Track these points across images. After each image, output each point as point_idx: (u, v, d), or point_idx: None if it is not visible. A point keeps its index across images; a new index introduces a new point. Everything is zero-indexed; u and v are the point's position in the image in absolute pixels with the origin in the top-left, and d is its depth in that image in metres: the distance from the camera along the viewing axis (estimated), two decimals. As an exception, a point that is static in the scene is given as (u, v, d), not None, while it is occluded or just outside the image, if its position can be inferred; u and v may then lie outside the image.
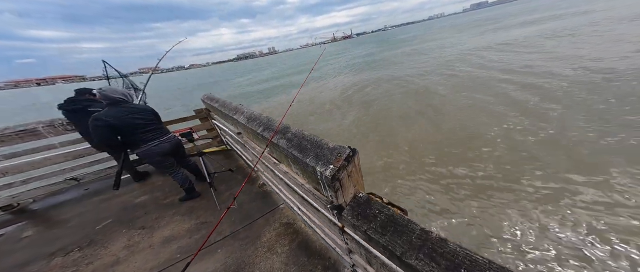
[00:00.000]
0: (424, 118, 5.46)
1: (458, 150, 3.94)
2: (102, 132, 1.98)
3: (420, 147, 4.29)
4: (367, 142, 4.98)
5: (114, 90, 2.12)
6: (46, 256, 1.88)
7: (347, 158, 1.02)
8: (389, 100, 7.24)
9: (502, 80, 6.95)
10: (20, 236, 2.23)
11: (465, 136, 4.34)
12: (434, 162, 3.75)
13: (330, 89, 10.63)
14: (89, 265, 1.72)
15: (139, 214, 2.32)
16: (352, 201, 1.10)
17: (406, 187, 3.41)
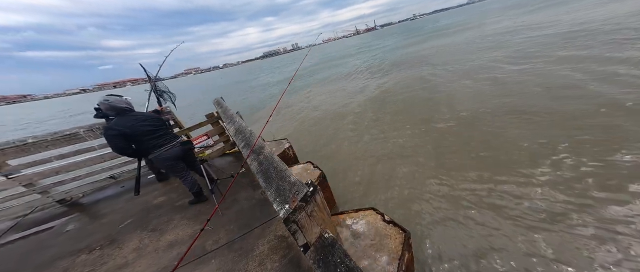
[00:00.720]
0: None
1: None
2: (117, 141, 2.14)
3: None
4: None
5: (119, 100, 2.25)
6: (75, 252, 2.17)
7: (305, 198, 0.87)
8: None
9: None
10: (63, 230, 2.63)
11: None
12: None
13: (346, 95, 9.18)
14: (103, 266, 1.92)
15: (154, 216, 2.53)
16: (317, 241, 0.96)
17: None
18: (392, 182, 3.34)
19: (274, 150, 3.13)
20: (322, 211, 0.94)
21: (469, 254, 2.15)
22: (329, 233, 0.97)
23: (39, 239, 2.56)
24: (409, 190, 3.12)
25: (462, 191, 2.86)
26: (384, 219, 1.81)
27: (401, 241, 1.65)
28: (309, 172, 2.47)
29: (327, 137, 5.44)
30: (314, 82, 14.04)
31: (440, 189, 3.00)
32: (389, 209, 2.86)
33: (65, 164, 3.30)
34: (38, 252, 2.31)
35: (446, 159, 3.54)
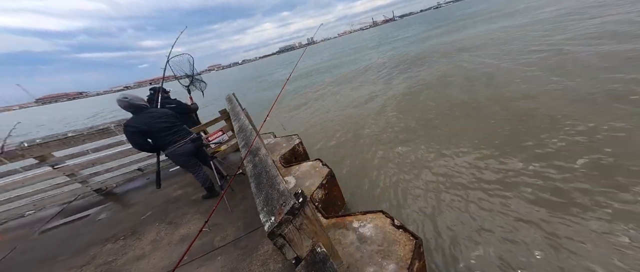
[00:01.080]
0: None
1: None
2: (136, 138, 2.26)
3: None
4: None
5: (136, 98, 2.35)
6: (103, 240, 2.37)
7: (292, 211, 0.79)
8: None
9: None
10: (96, 218, 2.90)
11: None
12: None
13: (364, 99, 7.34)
14: (123, 256, 2.07)
15: (172, 209, 2.67)
16: (309, 255, 0.88)
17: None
18: (413, 188, 2.96)
19: (285, 146, 3.10)
20: (314, 223, 0.85)
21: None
22: (322, 248, 0.88)
23: (77, 226, 2.86)
24: (435, 199, 2.70)
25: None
26: (393, 223, 1.68)
27: (411, 249, 1.52)
28: (317, 169, 2.39)
29: (342, 136, 5.22)
30: (323, 79, 13.13)
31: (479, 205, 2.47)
32: (407, 215, 2.57)
33: (100, 157, 3.62)
34: (75, 238, 2.58)
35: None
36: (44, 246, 2.57)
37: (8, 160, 2.89)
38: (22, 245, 2.69)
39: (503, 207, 2.40)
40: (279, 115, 8.23)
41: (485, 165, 3.05)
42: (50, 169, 3.35)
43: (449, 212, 2.48)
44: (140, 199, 3.17)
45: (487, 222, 2.28)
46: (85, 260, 2.16)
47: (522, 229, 2.13)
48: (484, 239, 2.13)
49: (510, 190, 2.57)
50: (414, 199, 2.77)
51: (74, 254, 2.30)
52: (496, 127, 3.84)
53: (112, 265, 2.00)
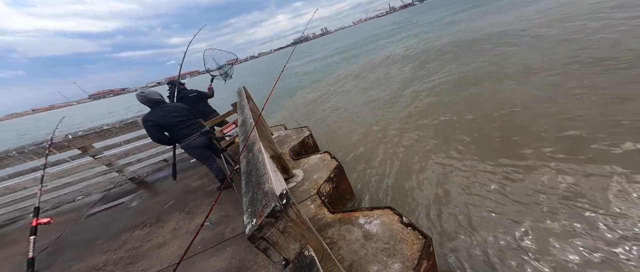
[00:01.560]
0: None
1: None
2: (154, 131, 2.41)
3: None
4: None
5: (153, 92, 2.48)
6: (133, 227, 2.62)
7: (273, 214, 0.74)
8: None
9: None
10: (129, 206, 3.21)
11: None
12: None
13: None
14: (148, 242, 2.26)
15: (190, 199, 2.85)
16: (296, 259, 0.84)
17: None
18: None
19: (295, 138, 3.08)
20: (300, 225, 0.80)
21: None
22: (310, 251, 0.83)
23: (113, 212, 3.21)
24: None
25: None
26: (401, 220, 1.58)
27: (419, 248, 1.42)
28: (325, 162, 2.33)
29: (357, 129, 4.98)
30: (329, 77, 11.79)
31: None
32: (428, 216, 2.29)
33: (131, 148, 3.97)
34: (112, 224, 2.89)
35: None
36: (88, 229, 2.93)
37: (57, 151, 3.28)
38: (72, 227, 3.09)
39: (540, 219, 2.09)
40: (297, 110, 8.19)
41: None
42: (91, 159, 3.76)
43: (475, 216, 2.25)
44: (165, 188, 3.43)
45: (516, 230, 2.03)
46: (117, 245, 2.41)
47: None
48: (513, 251, 1.90)
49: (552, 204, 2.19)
50: (433, 198, 2.56)
51: (109, 238, 2.58)
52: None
53: (138, 251, 2.20)
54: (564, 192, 2.17)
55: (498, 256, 1.83)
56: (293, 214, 0.77)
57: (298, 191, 2.09)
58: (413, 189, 2.67)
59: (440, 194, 2.51)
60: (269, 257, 0.80)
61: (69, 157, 3.69)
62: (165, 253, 2.05)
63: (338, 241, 1.62)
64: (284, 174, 2.25)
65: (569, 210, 2.02)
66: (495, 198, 2.33)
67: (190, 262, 1.86)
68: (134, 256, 2.17)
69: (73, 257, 2.41)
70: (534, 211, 2.08)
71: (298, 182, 2.19)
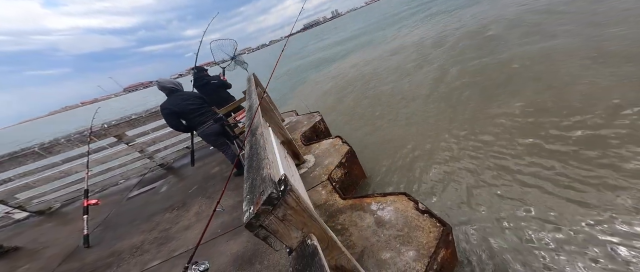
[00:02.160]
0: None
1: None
2: (170, 119, 2.53)
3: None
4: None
5: (167, 81, 2.57)
6: (163, 210, 2.86)
7: (270, 201, 0.71)
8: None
9: None
10: (159, 190, 3.51)
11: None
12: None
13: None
14: (176, 225, 2.46)
15: (209, 185, 3.01)
16: (299, 247, 0.82)
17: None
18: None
19: (306, 123, 3.03)
20: (301, 213, 0.76)
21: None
22: (313, 240, 0.80)
23: (148, 195, 3.53)
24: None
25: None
26: (417, 207, 1.48)
27: (436, 236, 1.33)
28: (336, 147, 2.27)
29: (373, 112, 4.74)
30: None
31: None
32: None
33: (159, 135, 4.26)
34: (146, 206, 3.19)
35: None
36: (128, 211, 3.28)
37: (97, 138, 3.64)
38: (116, 209, 3.49)
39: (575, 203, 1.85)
40: (310, 96, 8.04)
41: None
42: (126, 146, 4.12)
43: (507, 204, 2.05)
44: (189, 174, 3.67)
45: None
46: (151, 226, 2.66)
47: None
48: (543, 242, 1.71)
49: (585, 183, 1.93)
50: (460, 184, 2.37)
51: (143, 220, 2.86)
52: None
53: (168, 232, 2.41)
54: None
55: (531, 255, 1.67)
56: (292, 201, 0.73)
57: (309, 177, 2.07)
58: (436, 174, 2.51)
59: (468, 180, 2.33)
60: (271, 245, 0.78)
61: (107, 145, 4.07)
62: (190, 235, 2.22)
63: (349, 227, 1.59)
64: (295, 160, 2.24)
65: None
66: (529, 185, 2.09)
67: (211, 245, 1.98)
68: (165, 237, 2.38)
69: (117, 235, 2.72)
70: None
71: (309, 168, 2.17)
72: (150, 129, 4.18)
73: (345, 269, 1.00)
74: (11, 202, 3.67)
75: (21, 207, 3.81)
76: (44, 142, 3.32)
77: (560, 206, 1.85)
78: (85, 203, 2.77)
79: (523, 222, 1.84)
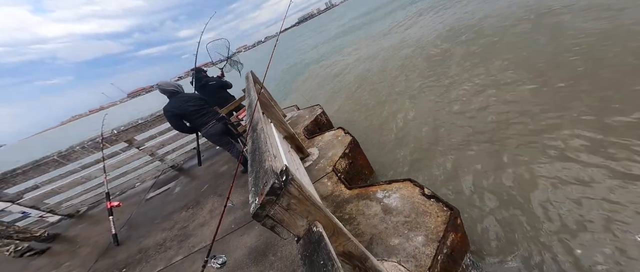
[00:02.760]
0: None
1: None
2: (173, 121, 2.59)
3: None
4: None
5: (167, 83, 2.59)
6: (179, 209, 2.97)
7: (273, 191, 0.73)
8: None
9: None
10: (173, 191, 3.64)
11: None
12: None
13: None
14: (192, 222, 2.56)
15: (219, 183, 3.10)
16: (306, 235, 0.84)
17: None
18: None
19: (307, 117, 3.04)
20: (305, 202, 0.78)
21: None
22: (318, 227, 0.82)
23: (164, 196, 3.68)
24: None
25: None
26: (423, 192, 1.48)
27: (444, 220, 1.33)
28: (339, 138, 2.27)
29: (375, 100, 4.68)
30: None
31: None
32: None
33: (166, 138, 4.38)
34: (164, 206, 3.33)
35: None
36: (148, 211, 3.43)
37: (109, 144, 3.79)
38: (137, 209, 3.65)
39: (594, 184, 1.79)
40: (315, 90, 8.00)
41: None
42: (137, 151, 4.27)
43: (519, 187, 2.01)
44: (199, 173, 3.78)
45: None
46: (170, 224, 2.78)
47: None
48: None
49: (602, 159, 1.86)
50: (469, 167, 2.35)
51: (163, 219, 2.99)
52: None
53: (186, 229, 2.52)
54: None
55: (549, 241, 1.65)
56: (294, 190, 0.75)
57: (314, 170, 2.10)
58: (444, 159, 2.48)
59: (475, 165, 2.29)
60: (279, 234, 0.81)
61: (120, 150, 4.23)
62: (207, 231, 2.32)
63: (357, 216, 1.61)
64: (299, 154, 2.26)
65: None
66: (541, 166, 2.04)
67: (227, 240, 2.06)
68: (184, 234, 2.49)
69: (142, 234, 2.86)
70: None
71: (314, 161, 2.19)
72: (157, 132, 4.30)
73: (353, 255, 1.02)
74: (43, 207, 3.91)
75: (52, 211, 4.07)
76: (61, 150, 3.49)
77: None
78: (108, 205, 2.93)
79: (537, 208, 1.81)
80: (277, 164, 0.81)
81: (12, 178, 3.34)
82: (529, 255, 1.55)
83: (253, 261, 1.76)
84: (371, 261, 1.04)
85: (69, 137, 35.65)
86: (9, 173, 3.29)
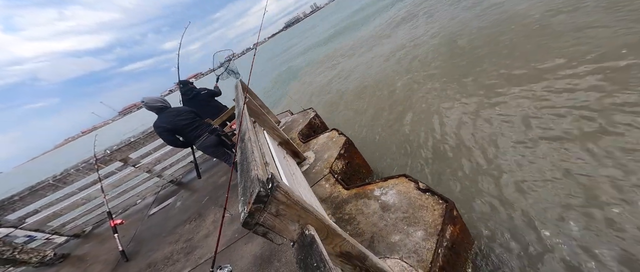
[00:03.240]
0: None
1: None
2: (165, 136, 2.52)
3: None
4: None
5: (153, 99, 2.52)
6: (183, 222, 2.96)
7: (259, 199, 0.73)
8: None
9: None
10: (175, 206, 3.62)
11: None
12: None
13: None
14: (197, 234, 2.55)
15: (220, 194, 3.08)
16: (299, 239, 0.84)
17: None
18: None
19: (301, 121, 3.04)
20: (294, 206, 0.78)
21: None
22: (310, 230, 0.82)
23: (165, 211, 3.66)
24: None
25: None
26: (418, 187, 1.48)
27: (441, 213, 1.33)
28: (334, 140, 2.27)
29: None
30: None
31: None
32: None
33: (161, 154, 4.36)
34: (167, 221, 3.31)
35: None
36: (152, 226, 3.41)
37: (103, 165, 3.77)
38: (141, 225, 3.63)
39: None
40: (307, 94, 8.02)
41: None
42: (133, 169, 4.25)
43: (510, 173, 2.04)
44: (199, 187, 3.77)
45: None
46: (175, 238, 2.77)
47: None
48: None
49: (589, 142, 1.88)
50: (466, 157, 2.37)
51: (168, 233, 2.97)
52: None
53: (191, 242, 2.51)
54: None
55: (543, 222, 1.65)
56: (282, 196, 0.75)
57: (312, 173, 2.09)
58: (435, 151, 2.49)
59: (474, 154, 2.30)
60: (272, 240, 0.81)
61: (116, 169, 4.21)
62: (212, 242, 2.31)
63: (356, 216, 1.61)
64: (296, 159, 2.26)
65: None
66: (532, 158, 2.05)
67: (231, 249, 2.05)
68: (189, 246, 2.47)
69: (149, 248, 2.85)
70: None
71: (311, 164, 2.19)
72: (152, 149, 4.27)
73: (351, 255, 1.01)
74: (47, 230, 3.89)
75: (57, 233, 4.04)
76: (56, 174, 3.48)
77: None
78: (112, 223, 2.93)
79: (535, 192, 1.81)
80: (262, 172, 0.81)
81: (10, 205, 3.33)
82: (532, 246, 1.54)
83: (259, 267, 1.75)
84: (371, 260, 1.04)
85: (62, 162, 35.57)
86: (6, 201, 3.28)
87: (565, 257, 1.41)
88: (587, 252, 1.38)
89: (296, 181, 1.70)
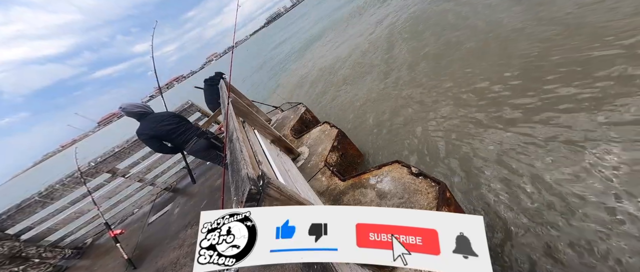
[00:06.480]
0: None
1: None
2: (151, 143, 2.39)
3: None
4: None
5: (132, 105, 2.36)
6: (184, 227, 2.93)
7: (251, 197, 0.72)
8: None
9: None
10: (173, 212, 3.57)
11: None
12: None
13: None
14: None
15: (217, 197, 3.05)
16: (295, 233, 0.83)
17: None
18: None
19: (293, 117, 3.02)
20: (287, 202, 0.78)
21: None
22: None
23: (165, 217, 3.60)
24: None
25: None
26: (411, 172, 1.50)
27: (435, 196, 1.35)
28: (326, 133, 2.27)
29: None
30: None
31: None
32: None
33: (151, 162, 4.25)
34: (167, 227, 3.26)
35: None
36: (154, 234, 3.35)
37: (91, 177, 3.63)
38: (142, 234, 3.56)
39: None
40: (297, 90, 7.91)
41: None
42: (123, 179, 4.11)
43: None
44: (195, 191, 3.72)
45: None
46: (179, 243, 2.73)
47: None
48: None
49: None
50: (454, 141, 2.41)
51: (171, 239, 2.93)
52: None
53: (195, 245, 2.46)
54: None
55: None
56: (274, 192, 0.74)
57: (307, 168, 2.09)
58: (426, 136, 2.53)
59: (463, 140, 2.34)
60: (266, 237, 0.80)
61: (105, 181, 4.06)
62: None
63: (355, 205, 1.63)
64: (290, 155, 2.24)
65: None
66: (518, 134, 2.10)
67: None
68: (194, 250, 2.43)
69: (154, 255, 2.81)
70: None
71: (306, 159, 2.19)
72: (140, 157, 4.11)
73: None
74: (44, 245, 3.76)
75: (57, 247, 3.92)
76: (41, 191, 3.35)
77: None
78: (112, 234, 2.84)
79: (522, 168, 1.87)
80: (252, 170, 0.80)
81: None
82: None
83: (263, 267, 1.75)
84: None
85: (42, 179, 34.02)
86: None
87: (553, 229, 1.48)
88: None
89: (292, 177, 1.70)
